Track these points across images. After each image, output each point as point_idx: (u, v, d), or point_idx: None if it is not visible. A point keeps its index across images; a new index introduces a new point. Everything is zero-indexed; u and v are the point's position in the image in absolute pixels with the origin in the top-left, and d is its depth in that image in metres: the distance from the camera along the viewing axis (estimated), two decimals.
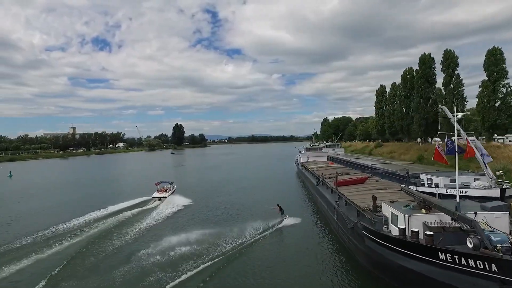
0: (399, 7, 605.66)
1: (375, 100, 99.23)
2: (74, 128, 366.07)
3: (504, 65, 47.44)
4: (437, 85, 64.95)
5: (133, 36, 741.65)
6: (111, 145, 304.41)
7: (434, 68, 65.35)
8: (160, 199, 37.15)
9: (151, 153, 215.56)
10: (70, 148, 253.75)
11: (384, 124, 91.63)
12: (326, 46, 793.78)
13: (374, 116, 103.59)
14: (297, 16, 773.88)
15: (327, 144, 71.87)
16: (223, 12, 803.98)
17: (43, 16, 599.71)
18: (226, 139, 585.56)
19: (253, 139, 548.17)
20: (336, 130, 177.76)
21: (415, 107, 66.71)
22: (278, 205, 28.58)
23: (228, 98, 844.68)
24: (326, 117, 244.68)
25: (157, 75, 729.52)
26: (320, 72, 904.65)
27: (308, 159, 55.59)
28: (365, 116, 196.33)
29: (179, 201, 36.78)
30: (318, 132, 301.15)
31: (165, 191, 39.63)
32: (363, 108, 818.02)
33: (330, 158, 60.60)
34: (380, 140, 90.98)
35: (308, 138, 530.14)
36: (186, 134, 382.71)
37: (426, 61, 65.22)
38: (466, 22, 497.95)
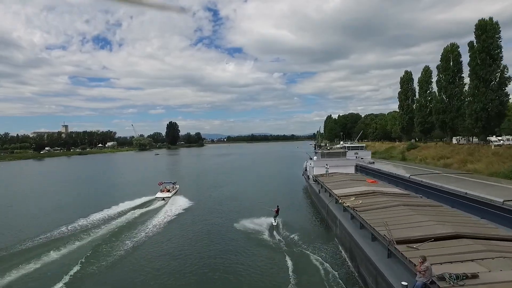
0: (402, 5, 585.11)
1: (399, 89, 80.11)
2: (66, 126, 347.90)
3: None
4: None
5: (134, 34, 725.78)
6: (100, 145, 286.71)
7: (499, 38, 46.30)
8: (163, 199, 36.57)
9: (139, 154, 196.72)
10: (56, 147, 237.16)
11: (414, 119, 72.79)
12: (328, 45, 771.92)
13: (398, 110, 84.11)
14: (299, 14, 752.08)
15: (345, 144, 52.66)
16: (224, 10, 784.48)
17: (43, 14, 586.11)
18: (225, 138, 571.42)
19: (253, 138, 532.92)
20: (343, 128, 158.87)
21: (471, 94, 47.67)
22: (277, 207, 27.02)
23: (229, 97, 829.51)
24: (330, 115, 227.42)
25: (158, 74, 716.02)
26: (321, 71, 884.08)
27: (327, 170, 35.48)
28: (375, 113, 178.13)
29: (182, 202, 36.48)
30: (321, 131, 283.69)
31: (168, 191, 39.16)
32: (363, 107, 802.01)
33: (359, 169, 40.90)
34: (414, 140, 71.58)
35: (309, 137, 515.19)
36: (186, 133, 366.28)
37: (488, 28, 46.05)
38: (470, 20, 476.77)
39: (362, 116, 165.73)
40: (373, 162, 40.81)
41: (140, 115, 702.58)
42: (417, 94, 77.35)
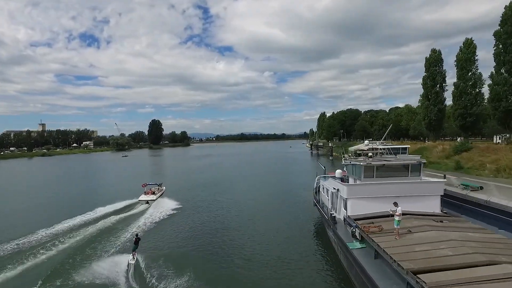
0: (392, 4, 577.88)
1: (425, 74, 62.38)
2: (43, 125, 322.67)
3: None
4: None
5: (122, 32, 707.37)
6: (74, 144, 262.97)
7: None
8: (147, 202, 32.67)
9: (113, 154, 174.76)
10: (23, 148, 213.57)
11: (444, 111, 55.35)
12: (318, 44, 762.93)
13: (420, 100, 66.46)
14: (290, 13, 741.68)
15: (374, 145, 34.53)
16: (214, 8, 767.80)
17: (27, 10, 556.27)
18: (214, 137, 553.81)
19: (243, 137, 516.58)
20: (342, 125, 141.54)
21: None
22: (137, 235, 19.30)
23: (219, 96, 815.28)
24: (324, 112, 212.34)
25: (147, 72, 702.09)
26: (312, 70, 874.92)
27: (396, 216, 13.44)
28: (375, 110, 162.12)
29: (168, 205, 32.59)
30: (315, 129, 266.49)
31: (153, 193, 35.20)
32: (353, 106, 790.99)
33: (446, 203, 19.62)
34: (461, 138, 53.44)
35: (300, 136, 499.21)
36: (171, 132, 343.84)
37: None
38: (459, 20, 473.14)
39: (363, 112, 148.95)
40: (481, 188, 20.81)
41: (129, 114, 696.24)
42: (445, 81, 60.15)
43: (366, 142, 37.60)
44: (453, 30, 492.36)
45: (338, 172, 21.31)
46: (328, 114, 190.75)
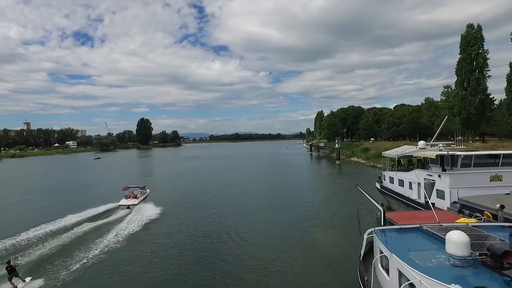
0: (386, 5, 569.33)
1: (460, 56, 49.05)
2: (28, 124, 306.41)
3: None
4: None
5: (116, 30, 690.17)
6: (56, 144, 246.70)
7: None
8: (128, 207, 29.88)
9: (89, 156, 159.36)
10: None
11: (507, 101, 42.08)
12: (313, 44, 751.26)
13: (453, 90, 53.22)
14: (285, 12, 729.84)
15: (449, 151, 21.35)
16: (210, 7, 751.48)
17: (19, 7, 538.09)
18: (208, 137, 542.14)
19: (237, 137, 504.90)
20: (344, 123, 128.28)
21: None
22: (9, 262, 15.22)
23: (214, 95, 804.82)
24: (321, 111, 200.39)
25: (141, 71, 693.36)
26: (307, 70, 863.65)
27: None
28: (379, 107, 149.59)
29: (151, 210, 29.67)
30: (311, 129, 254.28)
31: (135, 197, 32.20)
32: (348, 106, 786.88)
33: None
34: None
35: (296, 136, 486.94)
36: (162, 131, 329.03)
37: None
38: (451, 21, 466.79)
39: (366, 109, 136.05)
40: None
41: (123, 114, 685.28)
42: (487, 64, 47.26)
43: (422, 143, 23.61)
44: (445, 31, 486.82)
45: (457, 243, 7.09)
46: (325, 114, 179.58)
